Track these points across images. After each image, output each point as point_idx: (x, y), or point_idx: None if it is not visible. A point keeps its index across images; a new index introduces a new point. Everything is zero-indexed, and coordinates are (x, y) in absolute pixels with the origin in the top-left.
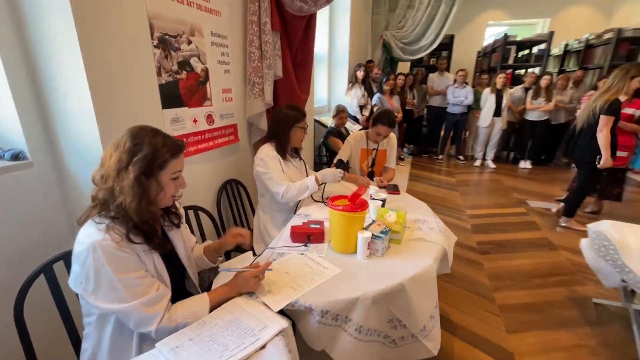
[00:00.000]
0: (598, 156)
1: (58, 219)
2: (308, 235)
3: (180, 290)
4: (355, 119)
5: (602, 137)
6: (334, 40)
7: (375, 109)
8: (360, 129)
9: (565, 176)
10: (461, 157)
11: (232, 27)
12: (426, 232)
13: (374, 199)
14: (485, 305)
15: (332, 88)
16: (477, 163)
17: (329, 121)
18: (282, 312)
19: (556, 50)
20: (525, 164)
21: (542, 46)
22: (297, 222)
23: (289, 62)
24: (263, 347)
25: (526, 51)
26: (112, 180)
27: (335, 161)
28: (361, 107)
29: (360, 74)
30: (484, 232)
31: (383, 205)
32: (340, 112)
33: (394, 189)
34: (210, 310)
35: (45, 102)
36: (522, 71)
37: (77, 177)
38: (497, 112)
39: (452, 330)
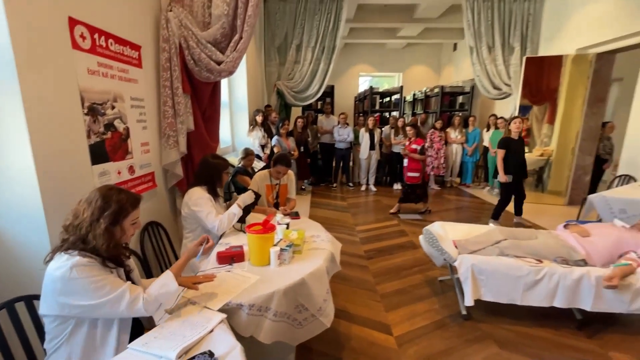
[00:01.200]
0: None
1: None
2: (232, 257)
3: None
4: (258, 157)
5: (497, 162)
6: (234, 88)
7: (274, 149)
8: (263, 166)
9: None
10: (351, 184)
11: (148, 92)
12: (319, 243)
13: (280, 223)
14: (371, 295)
15: (234, 130)
16: (363, 188)
17: (235, 161)
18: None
19: (409, 97)
20: (397, 186)
21: (397, 95)
22: (221, 249)
23: (199, 117)
24: (211, 331)
25: (388, 98)
26: (85, 229)
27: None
28: (262, 146)
29: (259, 118)
30: (369, 242)
31: (287, 228)
32: (249, 155)
33: (295, 215)
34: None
35: None
36: (387, 114)
37: (6, 237)
38: (372, 147)
39: (349, 318)
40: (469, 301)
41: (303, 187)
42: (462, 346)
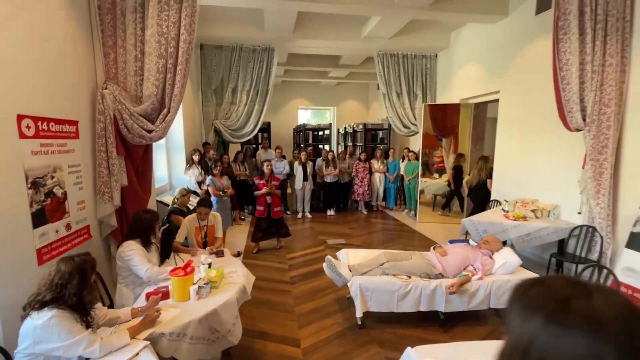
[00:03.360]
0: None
1: None
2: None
3: None
4: (196, 193)
5: (489, 187)
6: (171, 128)
7: (209, 189)
8: None
9: (353, 217)
10: (288, 212)
11: (84, 157)
12: (235, 278)
13: (203, 263)
14: (289, 316)
15: (171, 168)
16: (300, 215)
17: (170, 199)
18: None
19: (342, 130)
20: (330, 212)
21: (328, 131)
22: (149, 289)
23: (132, 173)
24: (137, 354)
25: (321, 133)
26: (61, 289)
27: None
28: (200, 183)
29: (195, 157)
30: (296, 268)
31: (210, 267)
32: (188, 194)
33: (220, 253)
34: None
35: None
36: (321, 146)
37: None
38: (305, 178)
39: (266, 338)
40: (359, 313)
41: (242, 217)
42: (353, 349)
